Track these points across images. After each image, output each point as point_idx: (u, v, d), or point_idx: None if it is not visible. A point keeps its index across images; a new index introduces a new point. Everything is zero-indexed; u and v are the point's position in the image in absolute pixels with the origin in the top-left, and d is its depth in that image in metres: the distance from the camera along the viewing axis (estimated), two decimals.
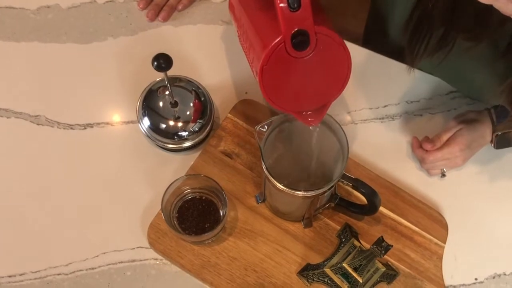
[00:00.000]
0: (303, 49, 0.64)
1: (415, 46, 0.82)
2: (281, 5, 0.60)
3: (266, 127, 0.79)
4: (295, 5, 0.60)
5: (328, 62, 0.68)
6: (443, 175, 0.98)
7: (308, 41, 0.64)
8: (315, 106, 0.74)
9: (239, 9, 0.78)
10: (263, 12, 0.68)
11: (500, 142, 0.95)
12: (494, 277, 0.93)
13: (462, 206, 0.97)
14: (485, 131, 0.95)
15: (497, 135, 0.94)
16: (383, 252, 0.78)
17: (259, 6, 0.70)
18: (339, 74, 0.71)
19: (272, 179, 0.78)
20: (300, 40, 0.63)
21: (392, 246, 0.78)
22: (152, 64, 0.79)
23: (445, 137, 0.97)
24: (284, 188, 0.78)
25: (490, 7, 0.56)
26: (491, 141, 0.96)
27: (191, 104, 0.94)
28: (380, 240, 0.78)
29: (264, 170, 0.78)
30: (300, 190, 0.78)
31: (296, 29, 0.62)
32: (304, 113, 0.75)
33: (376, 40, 1.13)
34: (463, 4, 0.72)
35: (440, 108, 1.03)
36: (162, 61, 0.79)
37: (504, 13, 0.56)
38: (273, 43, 0.64)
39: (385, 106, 1.03)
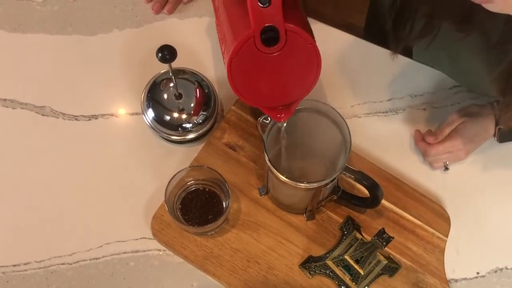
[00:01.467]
0: (272, 45, 0.64)
1: (398, 30, 0.83)
2: None
3: (269, 119, 0.80)
4: (266, 1, 0.60)
5: (298, 61, 0.68)
6: (446, 168, 0.98)
7: (277, 37, 0.64)
8: (283, 103, 0.75)
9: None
10: (239, 5, 0.68)
11: (503, 136, 0.95)
12: (496, 271, 0.93)
13: (465, 199, 0.97)
14: (488, 124, 0.95)
15: (500, 128, 0.94)
16: (384, 243, 0.78)
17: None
18: (308, 73, 0.71)
19: (275, 171, 0.78)
20: (269, 36, 0.63)
21: (393, 237, 0.78)
22: (157, 55, 0.79)
23: (447, 130, 0.97)
24: (287, 180, 0.78)
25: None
26: (494, 135, 0.96)
27: (195, 96, 0.94)
28: (382, 232, 0.79)
29: (267, 161, 0.79)
30: (302, 182, 0.78)
31: (266, 25, 0.63)
32: (272, 108, 0.75)
33: (376, 31, 1.13)
34: None
35: (444, 103, 1.03)
36: (167, 53, 0.79)
37: (474, 1, 0.57)
38: (242, 37, 0.64)
39: (388, 100, 1.03)
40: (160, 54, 0.79)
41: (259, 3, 0.60)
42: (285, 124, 0.80)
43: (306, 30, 0.66)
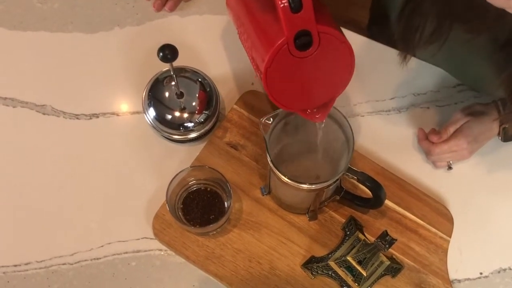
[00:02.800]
0: (306, 49, 0.64)
1: (408, 37, 0.82)
2: (283, 5, 0.59)
3: (271, 119, 0.79)
4: (297, 7, 0.59)
5: (332, 60, 0.68)
6: (450, 167, 0.97)
7: (311, 41, 0.63)
8: (320, 103, 0.74)
9: (238, 5, 0.77)
10: (264, 10, 0.67)
11: (508, 135, 0.94)
12: (499, 272, 0.93)
13: (468, 199, 0.96)
14: (492, 123, 0.94)
15: (504, 127, 0.94)
16: (387, 246, 0.77)
17: (259, 4, 0.69)
18: (342, 70, 0.71)
19: (277, 172, 0.77)
20: (303, 41, 0.63)
21: (396, 240, 0.77)
22: (158, 55, 0.78)
23: (451, 129, 0.96)
24: (289, 181, 0.77)
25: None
26: (498, 134, 0.95)
27: (197, 95, 0.94)
28: (384, 234, 0.78)
29: (269, 162, 0.78)
30: (305, 183, 0.78)
31: (299, 30, 0.62)
32: (309, 110, 0.74)
33: (380, 30, 1.12)
34: None
35: (447, 101, 1.02)
36: (168, 52, 0.78)
37: (496, 5, 0.56)
38: (276, 45, 0.63)
39: (392, 98, 1.03)
40: (161, 54, 0.78)
41: (291, 10, 0.59)
42: (323, 125, 0.80)
43: (337, 29, 0.66)
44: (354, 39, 1.06)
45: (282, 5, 0.59)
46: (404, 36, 0.83)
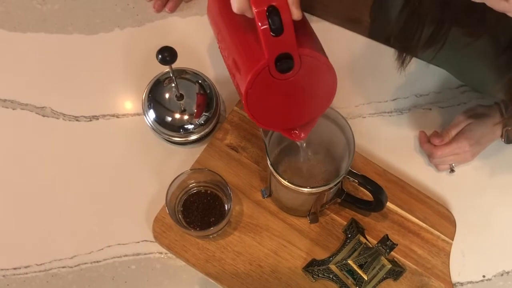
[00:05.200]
0: (287, 72, 0.63)
1: (406, 40, 0.81)
2: (263, 27, 0.58)
3: None
4: (278, 30, 0.58)
5: (314, 81, 0.67)
6: (452, 170, 0.97)
7: (292, 63, 0.62)
8: (302, 122, 0.73)
9: (219, 17, 0.75)
10: (245, 29, 0.65)
11: (511, 137, 0.93)
12: (502, 275, 0.92)
13: (471, 202, 0.96)
14: (495, 125, 0.93)
15: (507, 129, 0.93)
16: (387, 251, 0.77)
17: (240, 21, 0.66)
18: (325, 91, 0.69)
19: (277, 176, 0.77)
20: (284, 64, 0.62)
21: (397, 244, 0.77)
22: (157, 57, 0.78)
23: (454, 132, 0.95)
24: (289, 185, 0.77)
25: (483, 4, 0.55)
26: (501, 136, 0.94)
27: (197, 97, 0.93)
28: (385, 239, 0.77)
29: (269, 166, 0.77)
30: (305, 187, 0.77)
31: (279, 53, 0.61)
32: (291, 129, 0.74)
33: (381, 31, 1.11)
34: (451, 1, 0.71)
35: (450, 102, 1.02)
36: (167, 54, 0.78)
37: (497, 10, 0.55)
38: (256, 67, 0.62)
39: (393, 100, 1.02)
40: (160, 56, 0.78)
41: (272, 33, 0.58)
42: (304, 143, 0.79)
43: (319, 50, 0.65)
44: (356, 39, 1.06)
45: (262, 27, 0.57)
46: (402, 39, 0.82)
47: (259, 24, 0.57)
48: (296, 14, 0.58)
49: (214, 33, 0.79)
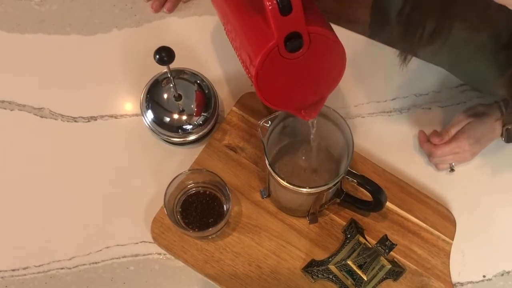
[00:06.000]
0: (297, 51, 0.63)
1: (408, 37, 0.80)
2: (272, 7, 0.57)
3: (269, 122, 0.78)
4: (287, 9, 0.58)
5: (323, 59, 0.67)
6: (452, 170, 0.96)
7: (301, 42, 0.62)
8: (312, 101, 0.73)
9: (224, 3, 0.75)
10: (252, 9, 0.66)
11: (511, 136, 0.93)
12: (502, 274, 0.92)
13: (471, 201, 0.95)
14: (495, 125, 0.93)
15: (507, 128, 0.92)
16: (387, 251, 0.77)
17: (247, 3, 0.67)
18: (334, 68, 0.70)
19: (276, 176, 0.76)
20: (293, 43, 0.62)
21: (396, 245, 0.77)
22: (154, 57, 0.77)
23: (453, 131, 0.95)
24: (288, 185, 0.76)
25: None
26: (501, 135, 0.93)
27: (195, 97, 0.93)
28: (384, 239, 0.77)
29: (268, 166, 0.77)
30: (304, 187, 0.77)
31: (288, 32, 0.61)
32: (300, 109, 0.74)
33: (381, 30, 1.11)
34: None
35: (449, 101, 1.01)
36: (164, 55, 0.78)
37: (498, 2, 0.54)
38: (266, 48, 0.62)
39: (393, 99, 1.01)
40: (157, 56, 0.77)
41: (280, 13, 0.58)
42: (315, 121, 0.79)
43: (327, 27, 0.65)
44: (356, 39, 1.05)
45: (270, 6, 0.57)
46: (404, 36, 0.82)
47: (268, 3, 0.57)
48: None
49: (219, 17, 0.79)
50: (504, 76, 0.75)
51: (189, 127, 0.92)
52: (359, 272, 0.85)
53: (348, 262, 0.86)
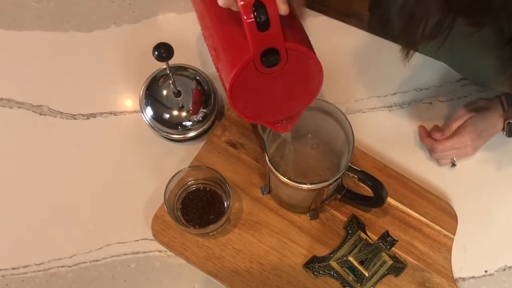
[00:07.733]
0: (273, 66, 0.62)
1: (410, 32, 0.79)
2: (249, 21, 0.56)
3: None
4: (265, 25, 0.56)
5: (300, 75, 0.66)
6: (453, 164, 0.96)
7: (278, 58, 0.61)
8: (287, 115, 0.73)
9: (203, 9, 0.73)
10: (231, 20, 0.63)
11: None
12: (504, 269, 0.91)
13: (472, 196, 0.95)
14: (497, 119, 0.92)
15: (509, 123, 0.92)
16: (388, 247, 0.76)
17: (225, 14, 0.64)
18: (311, 84, 0.68)
19: (276, 172, 0.76)
20: (270, 58, 0.60)
21: (397, 241, 0.76)
22: (153, 54, 0.77)
23: (455, 126, 0.94)
24: (288, 181, 0.76)
25: None
26: (503, 129, 0.93)
27: (195, 94, 0.92)
28: (385, 235, 0.77)
29: (268, 162, 0.77)
30: (305, 183, 0.76)
31: (265, 48, 0.59)
32: (275, 122, 0.73)
33: (380, 24, 1.10)
34: None
35: (450, 96, 1.01)
36: (163, 51, 0.77)
37: None
38: (241, 62, 0.60)
39: (393, 94, 1.01)
40: (156, 53, 0.77)
41: (258, 28, 0.56)
42: (289, 134, 0.78)
43: (306, 45, 0.63)
44: (356, 33, 1.05)
45: (248, 21, 0.56)
46: (406, 31, 0.81)
47: (245, 18, 0.56)
48: (283, 9, 0.57)
49: (198, 20, 0.78)
50: (507, 72, 0.74)
51: (188, 123, 0.92)
52: (360, 268, 0.84)
53: (349, 258, 0.85)
